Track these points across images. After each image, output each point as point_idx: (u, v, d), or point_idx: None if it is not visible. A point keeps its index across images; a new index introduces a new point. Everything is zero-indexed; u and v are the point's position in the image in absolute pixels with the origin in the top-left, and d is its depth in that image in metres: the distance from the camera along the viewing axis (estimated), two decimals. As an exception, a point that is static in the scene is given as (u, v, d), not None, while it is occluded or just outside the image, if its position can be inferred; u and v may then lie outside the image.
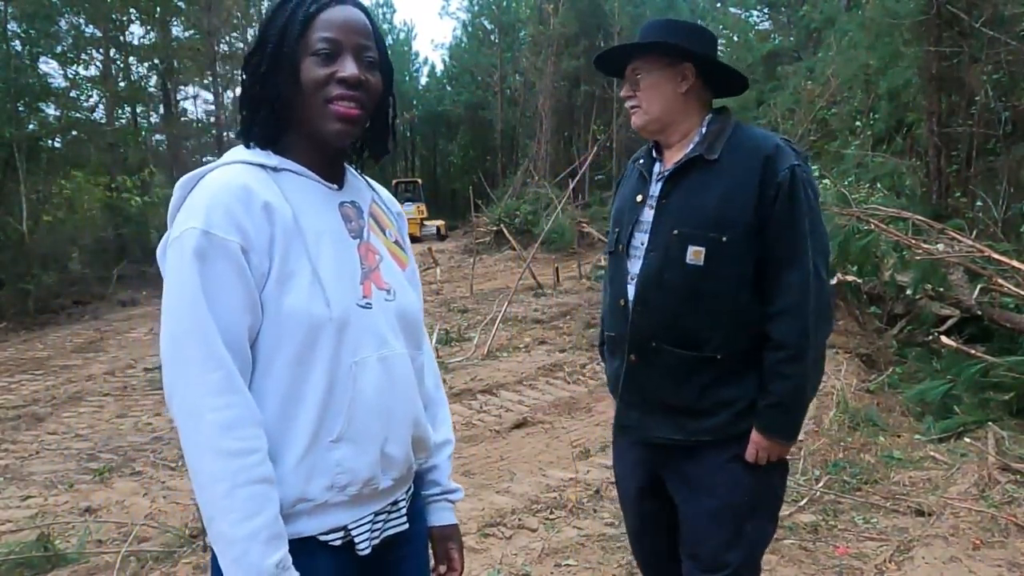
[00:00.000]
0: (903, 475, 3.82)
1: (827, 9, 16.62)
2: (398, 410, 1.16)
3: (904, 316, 6.05)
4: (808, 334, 1.59)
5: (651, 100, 1.71)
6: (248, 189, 1.05)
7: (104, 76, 15.32)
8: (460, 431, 4.93)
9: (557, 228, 13.59)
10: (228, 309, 1.01)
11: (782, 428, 1.63)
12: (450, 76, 36.26)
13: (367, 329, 1.11)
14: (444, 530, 1.35)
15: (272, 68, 1.11)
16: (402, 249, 1.29)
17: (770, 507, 1.75)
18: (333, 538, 1.11)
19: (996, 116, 8.44)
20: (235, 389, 1.00)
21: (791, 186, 1.59)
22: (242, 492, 0.98)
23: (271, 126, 1.14)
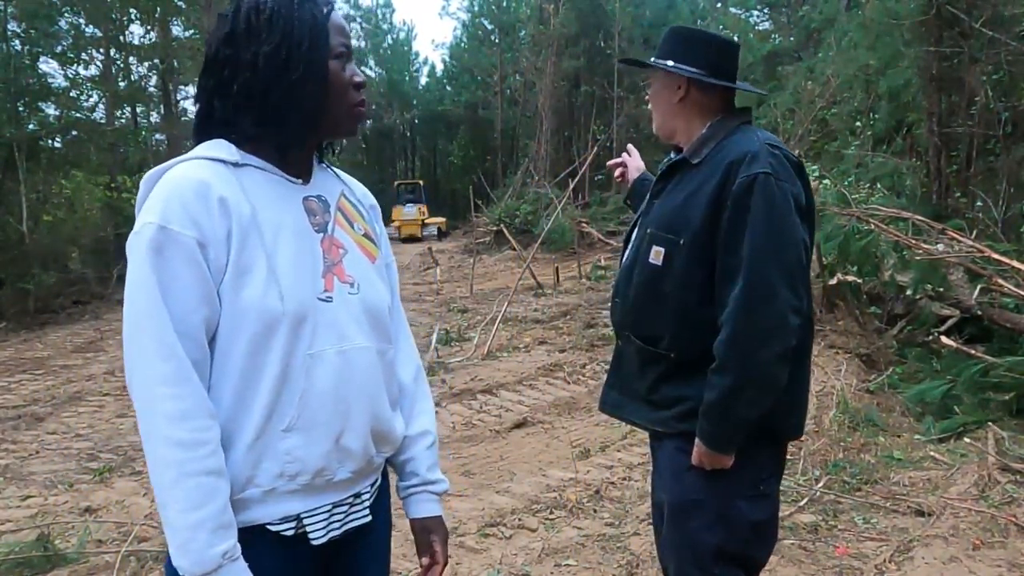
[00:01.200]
0: (903, 475, 3.82)
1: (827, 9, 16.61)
2: (356, 404, 1.16)
3: (904, 316, 6.05)
4: (734, 347, 1.54)
5: (655, 108, 1.83)
6: (205, 184, 1.06)
7: (104, 76, 15.30)
8: (460, 431, 4.93)
9: (557, 228, 13.59)
10: (183, 301, 1.03)
11: (707, 436, 1.60)
12: (450, 76, 36.27)
13: (327, 322, 1.13)
14: (425, 522, 1.35)
15: (309, 68, 1.12)
16: (373, 242, 1.29)
17: (720, 515, 1.65)
18: (285, 528, 1.13)
19: (996, 116, 8.44)
20: (186, 380, 1.02)
21: (745, 194, 1.55)
22: (190, 482, 1.01)
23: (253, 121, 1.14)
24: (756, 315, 1.54)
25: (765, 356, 1.55)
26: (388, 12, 36.90)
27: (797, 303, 1.56)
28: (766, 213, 1.54)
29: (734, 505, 1.66)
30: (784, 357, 1.57)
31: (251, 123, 1.13)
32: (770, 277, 1.53)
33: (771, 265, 1.54)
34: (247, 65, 1.12)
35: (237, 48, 1.12)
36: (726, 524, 1.66)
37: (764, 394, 1.58)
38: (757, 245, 1.54)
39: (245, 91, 1.12)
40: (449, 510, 3.60)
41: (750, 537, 1.69)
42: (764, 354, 1.54)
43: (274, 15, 1.11)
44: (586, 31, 23.27)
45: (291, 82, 1.11)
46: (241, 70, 1.12)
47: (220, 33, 1.14)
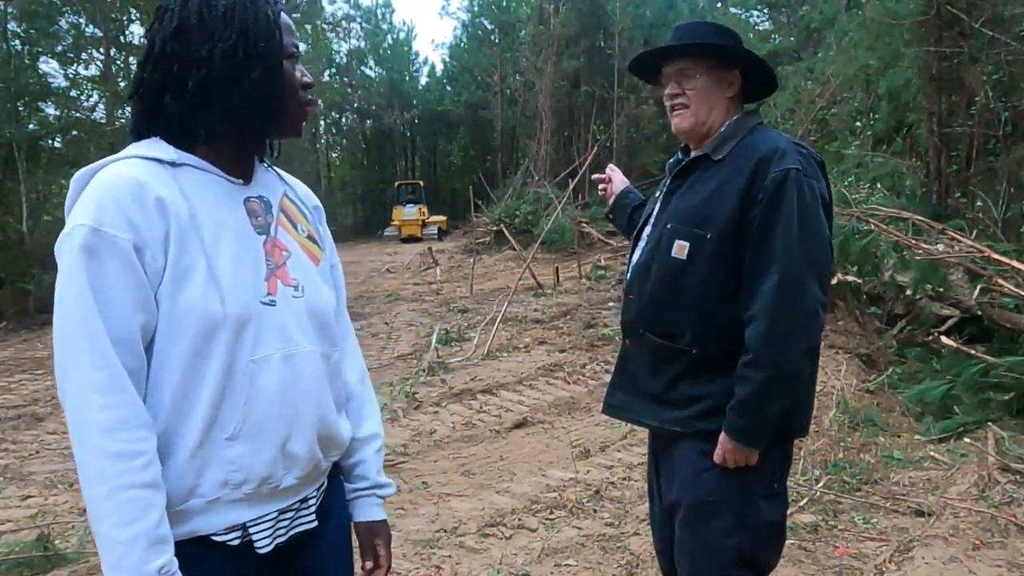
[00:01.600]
0: (903, 475, 3.82)
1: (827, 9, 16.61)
2: (302, 408, 1.14)
3: (904, 316, 6.05)
4: (770, 342, 1.54)
5: (700, 102, 1.71)
6: (142, 184, 1.02)
7: (104, 76, 15.30)
8: (460, 431, 4.93)
9: (557, 228, 13.59)
10: (118, 307, 0.99)
11: (739, 432, 1.59)
12: (450, 76, 36.24)
13: (270, 327, 1.10)
14: (371, 526, 1.33)
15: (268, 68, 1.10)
16: (317, 244, 1.27)
17: (740, 516, 1.65)
18: (231, 538, 1.10)
19: (996, 116, 8.44)
20: (120, 389, 0.99)
21: (778, 189, 1.55)
22: (123, 495, 0.97)
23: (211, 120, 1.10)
24: (790, 309, 1.54)
25: (797, 351, 1.56)
26: (388, 12, 36.88)
27: (824, 299, 1.59)
28: (797, 209, 1.55)
29: (753, 505, 1.66)
30: (812, 352, 1.61)
31: (209, 122, 1.10)
32: (801, 272, 1.54)
33: (802, 260, 1.54)
34: (202, 62, 1.07)
35: (189, 44, 1.08)
36: (745, 525, 1.65)
37: (794, 389, 1.61)
38: (789, 240, 1.54)
39: (201, 89, 1.08)
40: (449, 510, 3.61)
41: (766, 538, 1.70)
42: (797, 349, 1.56)
43: (228, 12, 1.08)
44: (586, 31, 23.25)
45: (251, 81, 1.09)
46: (195, 67, 1.07)
47: (168, 27, 1.09)
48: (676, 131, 1.76)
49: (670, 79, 1.75)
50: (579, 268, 11.98)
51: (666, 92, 1.76)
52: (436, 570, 3.00)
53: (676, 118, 1.74)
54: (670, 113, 1.77)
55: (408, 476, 4.14)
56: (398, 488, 3.95)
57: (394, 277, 14.23)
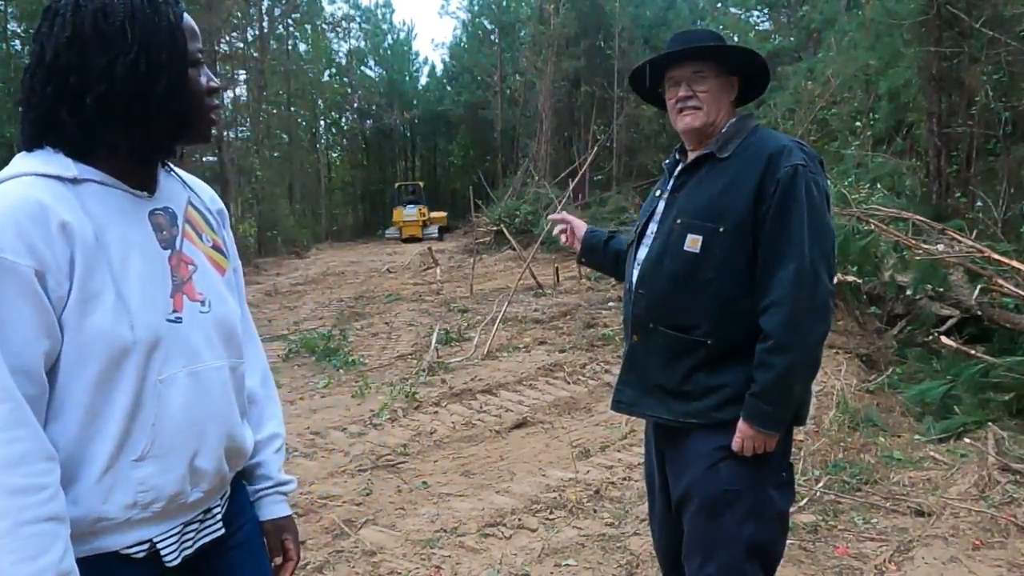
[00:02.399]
0: (903, 475, 3.82)
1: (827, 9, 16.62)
2: (209, 424, 1.13)
3: (904, 316, 6.05)
4: (793, 327, 1.61)
5: (712, 103, 1.79)
6: (43, 206, 0.97)
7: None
8: (460, 431, 4.93)
9: (557, 228, 13.56)
10: (18, 336, 0.95)
11: (762, 417, 1.64)
12: (450, 76, 36.23)
13: (177, 344, 1.08)
14: (278, 523, 1.35)
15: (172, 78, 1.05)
16: (222, 253, 1.24)
17: (755, 505, 1.70)
18: (136, 551, 1.09)
19: (996, 116, 8.45)
20: (22, 423, 0.94)
21: (790, 182, 1.63)
22: (25, 531, 0.93)
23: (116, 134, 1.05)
24: (808, 296, 1.62)
25: (816, 335, 1.65)
26: (388, 12, 36.88)
27: (833, 289, 1.69)
28: (808, 202, 1.64)
29: (767, 494, 1.71)
30: (825, 338, 1.69)
31: (110, 136, 1.05)
32: (815, 262, 1.63)
33: (815, 250, 1.63)
34: (102, 76, 1.02)
35: (85, 55, 1.01)
36: (759, 515, 1.70)
37: (813, 373, 1.71)
38: (803, 230, 1.62)
39: (102, 103, 1.03)
40: (449, 510, 3.61)
41: (777, 529, 1.76)
42: (815, 333, 1.65)
43: (128, 21, 1.02)
44: (586, 31, 23.27)
45: (155, 94, 1.04)
46: (94, 81, 1.02)
47: (60, 35, 1.02)
48: (686, 129, 1.81)
49: (677, 83, 1.81)
50: (579, 268, 11.98)
51: (678, 94, 1.81)
52: (436, 570, 3.00)
53: (687, 117, 1.79)
54: (678, 114, 1.81)
55: (408, 476, 4.14)
56: (398, 488, 3.95)
57: (394, 277, 14.23)
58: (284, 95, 27.73)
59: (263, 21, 23.59)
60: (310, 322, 9.49)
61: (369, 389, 5.84)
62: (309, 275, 15.15)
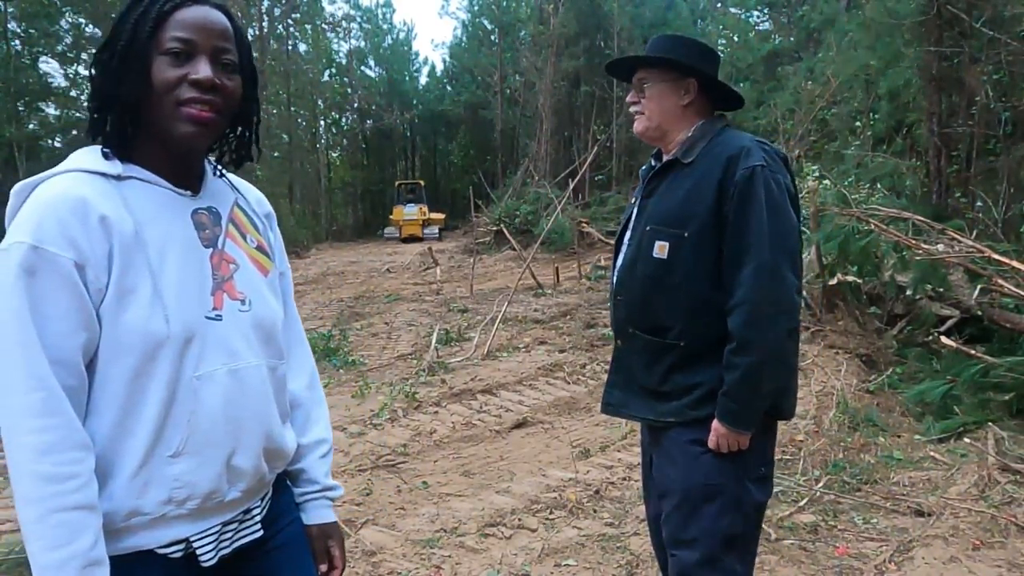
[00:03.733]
0: (903, 475, 3.82)
1: (827, 9, 16.63)
2: (248, 422, 1.13)
3: (904, 316, 6.05)
4: (754, 326, 1.65)
5: (654, 108, 1.85)
6: (84, 201, 1.00)
7: (104, 76, 15.31)
8: (460, 431, 4.93)
9: (557, 228, 13.60)
10: (57, 327, 0.97)
11: (731, 415, 1.68)
12: (450, 76, 36.24)
13: (216, 341, 1.08)
14: (324, 528, 1.34)
15: (122, 66, 1.05)
16: (266, 255, 1.24)
17: (733, 499, 1.73)
18: (173, 551, 1.09)
19: (996, 116, 8.46)
20: (55, 411, 0.96)
21: (747, 185, 1.67)
22: (54, 518, 0.96)
23: (122, 128, 1.08)
24: (769, 294, 1.65)
25: (779, 332, 1.68)
26: (388, 12, 36.88)
27: (798, 283, 1.71)
28: (766, 201, 1.67)
29: (745, 488, 1.74)
30: (793, 333, 1.73)
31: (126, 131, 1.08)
32: (776, 259, 1.66)
33: (776, 248, 1.66)
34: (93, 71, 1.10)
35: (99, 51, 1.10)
36: (738, 508, 1.74)
37: (780, 370, 1.73)
38: (762, 230, 1.66)
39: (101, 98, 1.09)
40: (449, 510, 3.61)
41: (753, 519, 1.79)
42: (778, 330, 1.68)
43: (121, 15, 1.08)
44: (586, 31, 23.28)
45: (110, 81, 1.06)
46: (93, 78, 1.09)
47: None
48: (635, 133, 1.92)
49: (633, 88, 1.90)
50: (579, 268, 11.98)
51: (627, 99, 1.93)
52: (436, 570, 3.00)
53: (635, 123, 1.90)
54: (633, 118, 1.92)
55: (408, 476, 4.14)
56: (398, 488, 3.95)
57: (394, 277, 14.23)
58: (284, 95, 27.74)
59: (263, 21, 23.61)
60: (310, 322, 9.49)
61: (369, 389, 5.84)
62: (309, 275, 15.14)
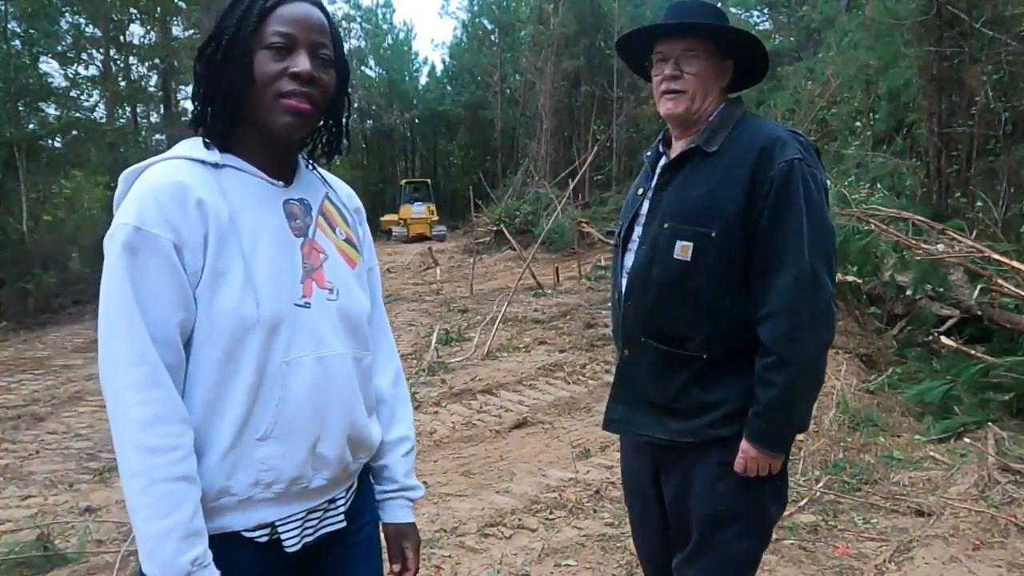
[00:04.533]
0: (903, 475, 3.82)
1: (827, 9, 16.63)
2: (333, 411, 1.15)
3: (904, 316, 6.05)
4: (795, 340, 1.48)
5: (698, 87, 1.61)
6: (183, 185, 1.04)
7: (104, 76, 15.30)
8: (460, 431, 4.93)
9: (557, 228, 13.59)
10: (158, 305, 1.01)
11: (764, 438, 1.52)
12: (450, 76, 36.23)
13: (304, 328, 1.11)
14: (400, 528, 1.34)
15: (225, 60, 1.10)
16: (354, 247, 1.27)
17: (752, 521, 1.61)
18: (259, 535, 1.11)
19: (996, 116, 8.45)
20: (158, 384, 1.00)
21: (786, 180, 1.49)
22: (158, 489, 0.99)
23: (224, 119, 1.13)
24: (809, 305, 1.48)
25: (818, 346, 1.52)
26: (388, 12, 36.87)
27: (835, 291, 1.55)
28: (805, 200, 1.49)
29: (765, 507, 1.62)
30: (828, 347, 1.56)
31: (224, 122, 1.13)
32: (816, 266, 1.49)
33: (815, 253, 1.49)
34: (197, 63, 1.15)
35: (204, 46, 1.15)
36: (758, 530, 1.63)
37: (817, 386, 1.57)
38: (801, 233, 1.48)
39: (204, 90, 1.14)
40: (449, 510, 3.60)
41: (768, 535, 1.69)
42: (818, 344, 1.52)
43: (226, 11, 1.13)
44: (586, 31, 23.26)
45: (215, 73, 1.11)
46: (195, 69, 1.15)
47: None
48: (668, 115, 1.65)
49: (665, 59, 1.63)
50: (579, 268, 11.98)
51: (663, 73, 1.63)
52: (436, 570, 3.00)
53: (670, 102, 1.63)
54: (661, 96, 1.65)
55: (408, 476, 4.13)
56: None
57: (394, 277, 14.22)
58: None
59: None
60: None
61: (369, 389, 5.83)
62: (309, 275, 15.10)
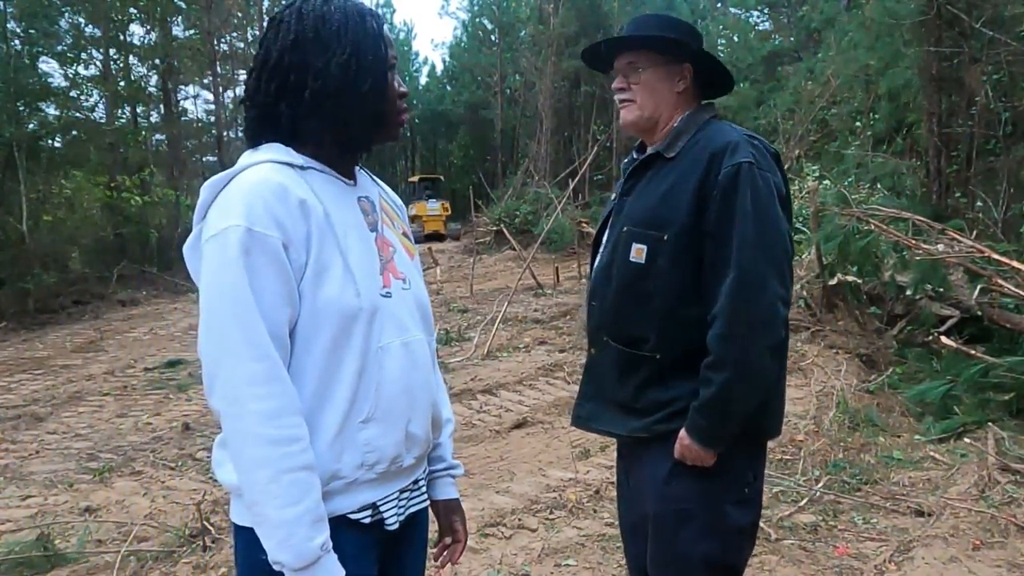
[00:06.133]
0: (903, 475, 3.82)
1: (827, 9, 16.62)
2: (419, 391, 1.22)
3: (904, 316, 6.05)
4: (731, 341, 1.50)
5: (646, 96, 1.67)
6: (284, 187, 1.10)
7: (104, 76, 15.31)
8: (460, 431, 4.93)
9: (557, 228, 13.59)
10: (270, 301, 1.06)
11: (699, 432, 1.54)
12: (450, 76, 36.28)
13: (390, 316, 1.18)
14: (450, 503, 1.43)
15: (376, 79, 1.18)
16: (409, 240, 1.36)
17: (709, 523, 1.60)
18: (363, 516, 1.17)
19: (996, 116, 8.46)
20: (278, 378, 1.06)
21: (732, 185, 1.51)
22: (286, 478, 1.04)
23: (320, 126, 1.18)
24: (749, 307, 1.50)
25: (758, 349, 1.52)
26: (388, 12, 36.88)
27: (785, 294, 1.53)
28: (753, 203, 1.51)
29: (722, 511, 1.61)
30: (776, 349, 1.56)
31: (317, 128, 1.18)
32: (760, 268, 1.50)
33: (760, 256, 1.50)
34: (318, 73, 1.15)
35: (306, 56, 1.16)
36: (715, 532, 1.60)
37: (758, 388, 1.55)
38: (746, 236, 1.50)
39: (316, 98, 1.16)
40: (449, 510, 3.60)
41: (736, 545, 1.65)
42: (758, 347, 1.52)
43: (342, 27, 1.16)
44: (586, 31, 23.26)
45: (360, 91, 1.16)
46: (312, 78, 1.15)
47: (285, 40, 1.17)
48: (622, 125, 1.74)
49: (618, 73, 1.71)
50: (579, 268, 11.99)
51: (613, 85, 1.73)
52: (436, 570, 3.00)
53: (623, 111, 1.71)
54: (619, 107, 1.73)
55: (408, 476, 4.14)
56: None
57: (394, 277, 14.20)
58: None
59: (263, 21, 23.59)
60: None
61: (369, 389, 5.83)
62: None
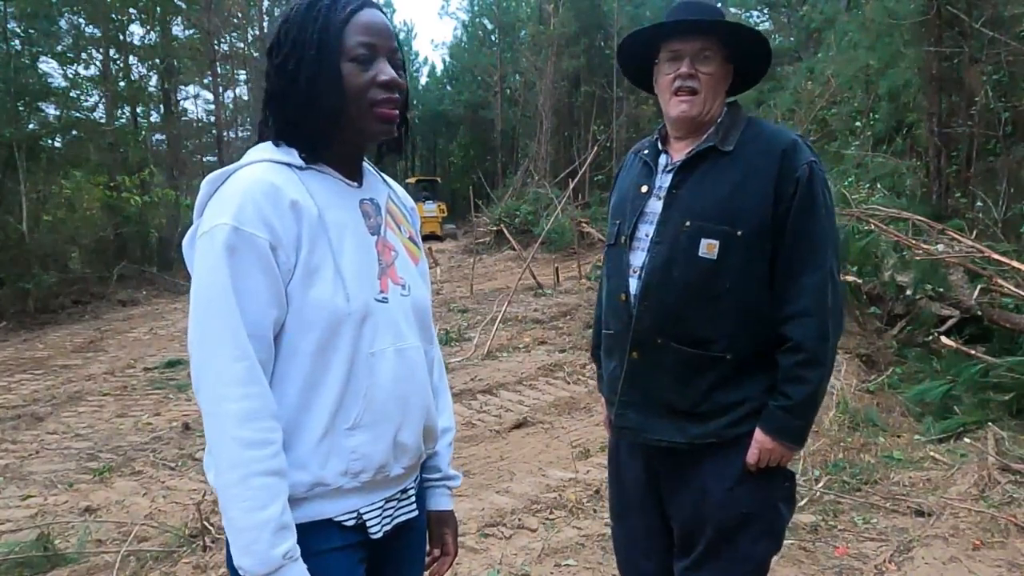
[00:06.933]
0: (903, 475, 3.82)
1: (827, 9, 16.63)
2: (412, 400, 1.20)
3: (904, 316, 6.05)
4: (825, 339, 1.52)
5: (710, 90, 1.61)
6: (276, 187, 1.08)
7: (104, 76, 15.30)
8: (460, 431, 4.93)
9: (557, 228, 13.59)
10: (255, 302, 1.05)
11: (792, 432, 1.54)
12: (450, 76, 36.29)
13: (385, 322, 1.16)
14: (441, 515, 1.40)
15: (314, 74, 1.13)
16: (416, 245, 1.34)
17: (768, 522, 1.62)
18: (346, 519, 1.16)
19: (996, 116, 8.45)
20: (255, 380, 1.04)
21: (810, 183, 1.53)
22: (254, 482, 1.02)
23: (302, 126, 1.16)
24: (834, 304, 1.53)
25: (836, 343, 1.57)
26: (388, 12, 36.82)
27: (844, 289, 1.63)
28: (824, 202, 1.55)
29: (777, 510, 1.64)
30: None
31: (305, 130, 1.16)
32: (834, 267, 1.55)
33: (833, 256, 1.55)
34: (267, 76, 1.18)
35: (271, 60, 1.17)
36: (772, 531, 1.63)
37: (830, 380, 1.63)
38: (825, 235, 1.53)
39: (272, 101, 1.17)
40: (449, 510, 3.60)
41: (782, 538, 1.69)
42: (837, 341, 1.57)
43: (290, 26, 1.15)
44: (586, 31, 23.30)
45: (302, 90, 1.13)
46: (271, 80, 1.17)
47: (267, 46, 1.19)
48: (679, 117, 1.61)
49: (678, 58, 1.60)
50: (579, 268, 11.98)
51: (678, 71, 1.59)
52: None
53: (684, 104, 1.59)
54: (672, 96, 1.61)
55: (408, 476, 4.14)
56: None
57: (394, 277, 14.21)
58: (284, 95, 27.65)
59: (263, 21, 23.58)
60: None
61: (369, 389, 5.83)
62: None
